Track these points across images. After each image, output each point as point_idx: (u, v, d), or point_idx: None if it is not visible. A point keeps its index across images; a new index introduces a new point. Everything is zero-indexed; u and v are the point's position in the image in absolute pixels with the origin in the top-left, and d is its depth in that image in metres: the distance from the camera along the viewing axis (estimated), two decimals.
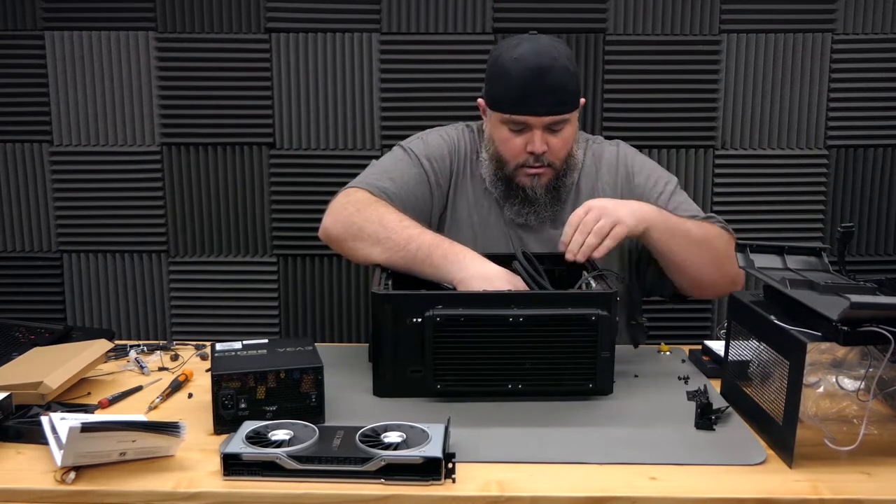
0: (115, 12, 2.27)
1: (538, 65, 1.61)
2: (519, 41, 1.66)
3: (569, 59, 1.66)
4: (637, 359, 1.59)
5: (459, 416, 1.28)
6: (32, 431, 1.22)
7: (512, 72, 1.62)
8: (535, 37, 1.67)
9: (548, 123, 1.64)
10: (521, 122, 1.64)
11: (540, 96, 1.61)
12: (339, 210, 1.66)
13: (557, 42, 1.68)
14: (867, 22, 2.27)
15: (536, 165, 1.68)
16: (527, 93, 1.61)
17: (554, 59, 1.62)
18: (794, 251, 1.41)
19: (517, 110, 1.64)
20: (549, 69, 1.61)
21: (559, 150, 1.68)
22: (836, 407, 1.27)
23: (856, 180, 2.35)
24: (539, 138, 1.64)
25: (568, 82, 1.64)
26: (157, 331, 2.42)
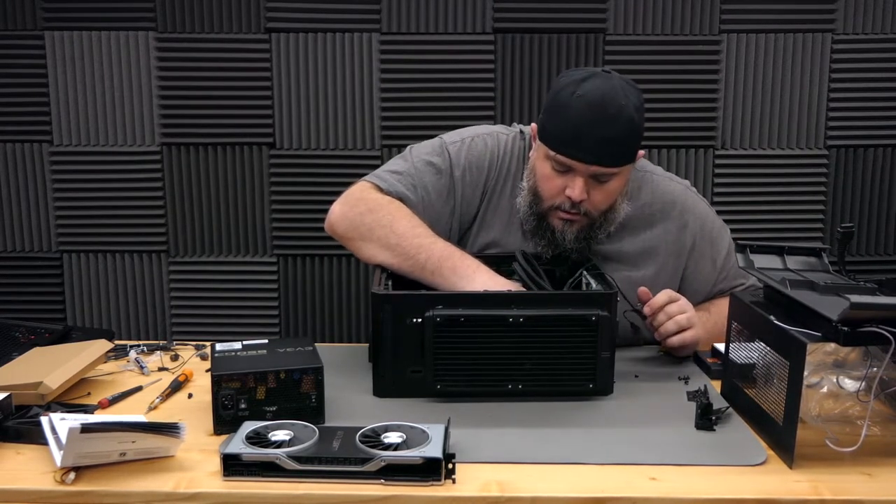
0: (115, 12, 2.27)
1: (601, 109, 1.47)
2: (589, 74, 1.52)
3: (636, 108, 1.50)
4: (637, 359, 1.59)
5: (459, 416, 1.28)
6: (32, 431, 1.22)
7: (570, 108, 1.49)
8: (607, 76, 1.51)
9: (594, 173, 1.52)
10: (565, 163, 1.52)
11: (593, 144, 1.48)
12: (351, 206, 1.60)
13: (630, 87, 1.52)
14: (867, 22, 2.27)
15: (572, 212, 1.56)
16: (580, 136, 1.48)
17: (620, 108, 1.48)
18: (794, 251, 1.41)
19: (564, 151, 1.51)
20: (612, 118, 1.48)
21: (599, 203, 1.56)
22: (839, 407, 1.27)
23: (856, 180, 2.36)
24: (580, 186, 1.52)
25: (629, 136, 1.51)
26: (157, 331, 2.42)
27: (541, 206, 1.59)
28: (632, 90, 1.52)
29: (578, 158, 1.50)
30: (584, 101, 1.48)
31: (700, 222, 1.70)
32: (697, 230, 1.69)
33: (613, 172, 1.53)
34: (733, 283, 1.72)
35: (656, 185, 1.70)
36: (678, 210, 1.69)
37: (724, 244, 1.72)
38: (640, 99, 1.54)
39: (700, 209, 1.72)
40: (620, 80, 1.52)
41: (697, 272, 1.70)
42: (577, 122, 1.48)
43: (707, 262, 1.70)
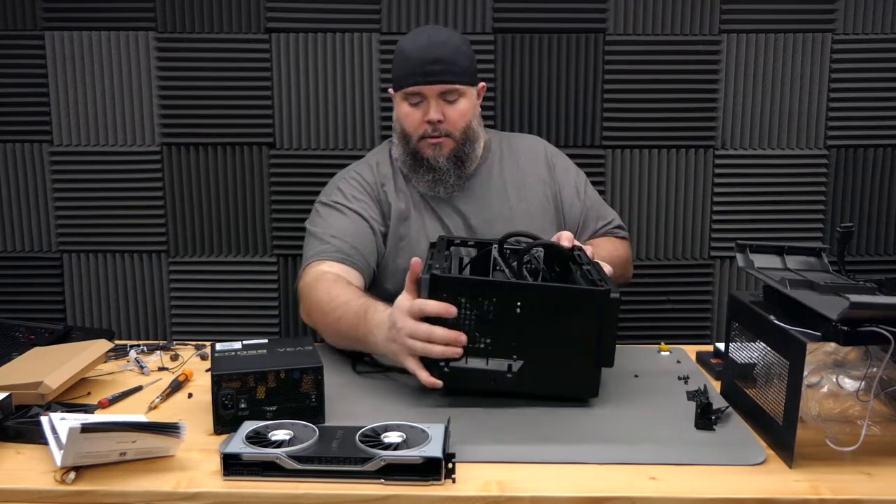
0: (115, 12, 2.27)
1: (429, 41, 1.77)
2: (418, 29, 1.87)
3: (463, 41, 1.82)
4: (637, 359, 1.59)
5: (459, 416, 1.28)
6: (32, 431, 1.22)
7: (407, 50, 1.79)
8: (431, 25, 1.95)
9: (440, 92, 1.76)
10: (416, 92, 1.77)
11: (430, 66, 1.75)
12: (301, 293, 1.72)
13: (454, 30, 1.91)
14: (867, 22, 2.27)
15: (435, 135, 1.78)
16: (419, 65, 1.75)
17: (447, 37, 1.79)
18: (793, 251, 1.41)
19: (411, 81, 1.76)
20: (441, 44, 1.77)
21: (456, 121, 1.79)
22: (839, 407, 1.27)
23: (856, 180, 2.35)
24: (434, 106, 1.77)
25: (459, 57, 1.78)
26: (157, 331, 2.42)
27: (410, 143, 1.82)
28: (454, 31, 1.89)
29: (423, 83, 1.76)
30: (417, 41, 1.79)
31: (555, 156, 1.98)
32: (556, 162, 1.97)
33: (458, 90, 1.78)
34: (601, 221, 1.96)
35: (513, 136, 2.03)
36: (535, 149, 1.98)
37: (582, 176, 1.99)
38: (465, 38, 1.86)
39: (554, 148, 2.02)
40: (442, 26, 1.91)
41: (564, 195, 1.93)
42: (415, 56, 1.76)
43: (571, 190, 1.94)
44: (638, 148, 2.32)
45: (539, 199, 1.91)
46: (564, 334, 1.34)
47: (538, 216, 1.88)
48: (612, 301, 1.34)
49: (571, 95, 2.30)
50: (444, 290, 1.32)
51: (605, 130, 2.31)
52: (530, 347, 1.34)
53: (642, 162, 2.31)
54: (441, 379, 1.35)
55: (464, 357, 1.34)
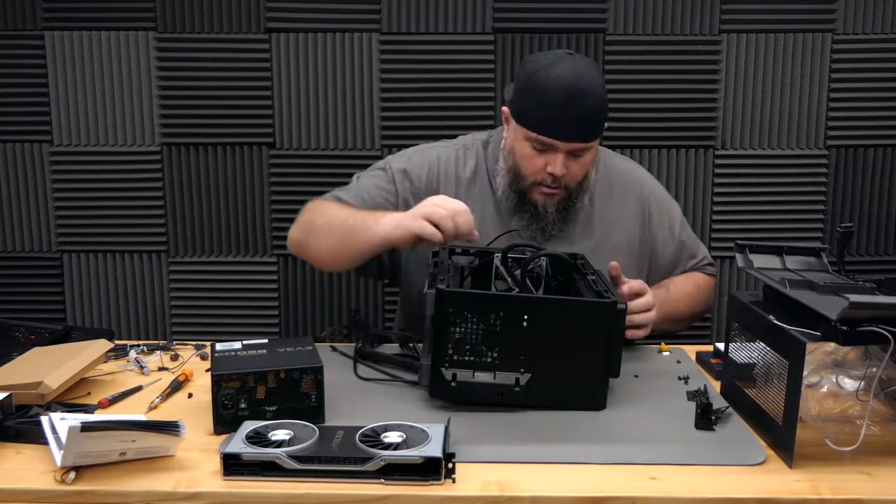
0: (115, 12, 2.27)
1: (577, 89, 1.58)
2: (557, 59, 1.62)
3: (602, 84, 1.63)
4: (637, 359, 1.59)
5: (460, 416, 1.28)
6: (32, 431, 1.22)
7: (548, 92, 1.58)
8: (573, 57, 1.64)
9: (573, 149, 1.63)
10: (547, 143, 1.62)
11: (572, 122, 1.59)
12: (301, 219, 1.73)
13: (593, 65, 1.66)
14: (867, 22, 2.27)
15: (553, 186, 1.66)
16: (560, 116, 1.58)
17: (592, 86, 1.59)
18: (793, 251, 1.41)
19: (545, 131, 1.60)
20: (586, 95, 1.58)
21: (577, 174, 1.67)
22: (839, 407, 1.27)
23: (856, 180, 2.36)
24: (561, 162, 1.62)
25: (601, 110, 1.63)
26: (157, 331, 2.42)
27: (522, 183, 1.69)
28: (594, 66, 1.69)
29: (560, 137, 1.60)
30: (560, 84, 1.58)
31: (653, 193, 1.85)
32: (652, 200, 1.83)
33: (590, 146, 1.66)
34: (692, 260, 1.86)
35: (611, 161, 1.84)
36: (632, 183, 1.83)
37: (677, 213, 1.87)
38: (601, 75, 1.70)
39: (652, 182, 1.88)
40: (584, 60, 1.67)
41: (657, 240, 1.82)
42: (557, 105, 1.58)
43: (665, 231, 1.83)
44: (638, 148, 2.32)
45: (625, 237, 1.79)
46: (571, 347, 1.34)
47: (622, 255, 1.72)
48: (618, 312, 1.34)
49: None
50: (449, 305, 1.32)
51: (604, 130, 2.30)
52: (538, 360, 1.34)
53: (642, 162, 2.31)
54: (449, 393, 1.35)
55: (471, 371, 1.34)
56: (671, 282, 1.81)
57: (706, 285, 1.86)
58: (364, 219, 1.60)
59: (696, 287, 1.83)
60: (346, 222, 1.62)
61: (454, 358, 1.33)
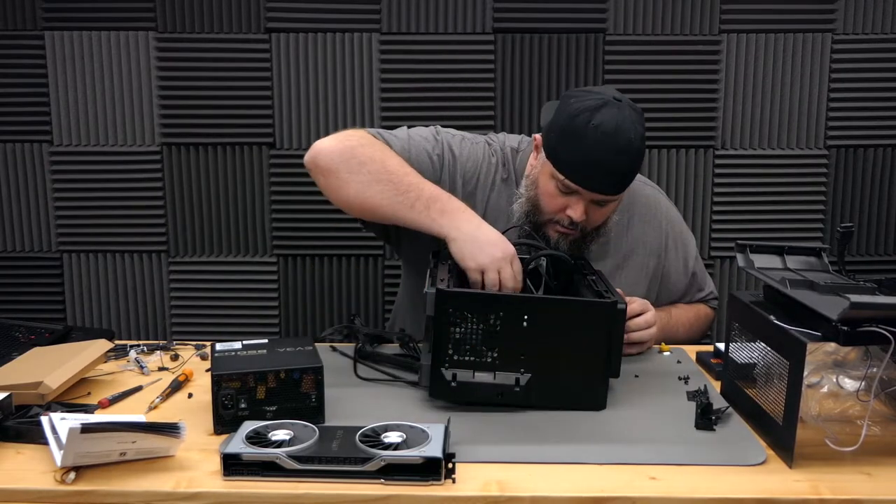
0: (115, 12, 2.27)
1: (614, 144, 1.51)
2: (602, 103, 1.52)
3: (642, 138, 1.55)
4: (637, 359, 1.59)
5: (460, 416, 1.28)
6: (32, 431, 1.22)
7: (585, 139, 1.51)
8: (619, 105, 1.53)
9: (598, 199, 1.58)
10: (573, 188, 1.56)
11: (604, 175, 1.54)
12: (342, 140, 1.58)
13: (637, 115, 1.55)
14: (867, 22, 2.27)
15: (569, 228, 1.61)
16: (593, 167, 1.53)
17: (630, 142, 1.51)
18: (793, 251, 1.41)
19: (575, 178, 1.54)
20: (623, 151, 1.52)
21: (596, 222, 1.63)
22: (839, 407, 1.27)
23: (856, 180, 2.36)
24: (582, 209, 1.57)
25: (633, 168, 1.57)
26: (157, 331, 2.42)
27: (539, 217, 1.63)
28: (639, 118, 1.56)
29: (587, 187, 1.55)
30: (599, 133, 1.50)
31: (672, 224, 1.82)
32: (671, 231, 1.81)
33: (616, 198, 1.61)
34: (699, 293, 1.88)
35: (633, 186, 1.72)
36: (653, 212, 1.80)
37: (692, 247, 1.86)
38: (644, 126, 1.57)
39: (672, 212, 1.85)
40: (630, 110, 1.54)
41: (671, 272, 1.81)
42: (590, 154, 1.51)
43: (680, 263, 1.82)
44: None
45: (640, 269, 1.77)
46: (572, 347, 1.34)
47: (636, 286, 1.73)
48: (618, 312, 1.34)
49: None
50: (450, 305, 1.32)
51: None
52: (538, 360, 1.34)
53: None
54: (449, 393, 1.35)
55: (471, 371, 1.34)
56: (675, 307, 1.82)
57: (706, 317, 1.89)
58: (430, 199, 1.52)
59: (696, 317, 1.85)
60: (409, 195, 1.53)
61: (454, 358, 1.33)
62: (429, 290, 1.33)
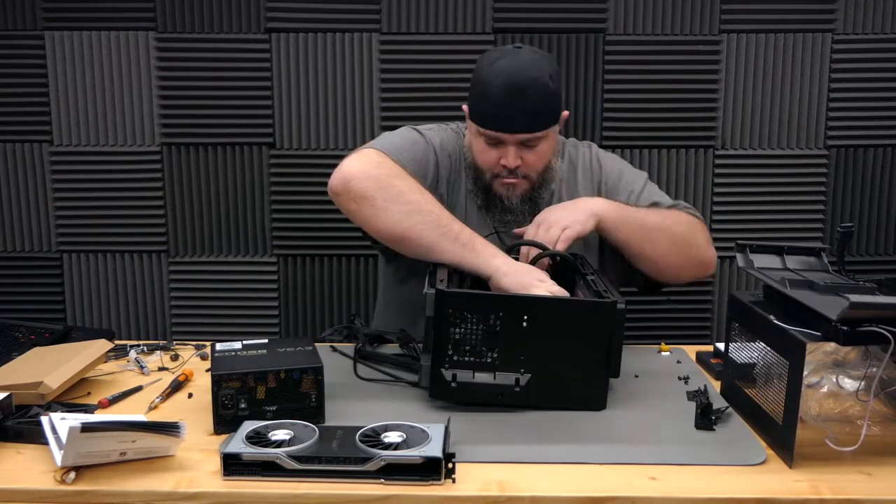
0: (115, 12, 2.27)
1: (515, 83, 1.60)
2: (501, 54, 1.65)
3: (550, 76, 1.63)
4: (637, 359, 1.59)
5: (460, 416, 1.28)
6: (32, 431, 1.22)
7: (489, 86, 1.61)
8: (517, 51, 1.65)
9: (522, 140, 1.64)
10: (494, 136, 1.65)
11: (515, 115, 1.61)
12: (374, 166, 1.58)
13: (541, 57, 1.66)
14: (867, 22, 2.27)
15: (511, 177, 1.68)
16: (502, 110, 1.61)
17: (533, 79, 1.60)
18: (793, 251, 1.41)
19: (491, 126, 1.64)
20: (526, 88, 1.60)
21: (534, 164, 1.68)
22: (838, 407, 1.27)
23: (856, 180, 2.36)
24: (512, 154, 1.65)
25: (545, 102, 1.63)
26: (157, 331, 2.42)
27: (483, 178, 1.71)
28: (543, 59, 1.66)
29: (503, 130, 1.63)
30: (500, 79, 1.60)
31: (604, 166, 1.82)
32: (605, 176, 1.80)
33: (540, 136, 1.65)
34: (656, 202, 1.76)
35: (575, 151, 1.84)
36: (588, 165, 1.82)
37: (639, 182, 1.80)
38: (553, 66, 1.67)
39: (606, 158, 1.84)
40: (530, 53, 1.66)
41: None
42: (498, 99, 1.61)
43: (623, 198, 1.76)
44: (638, 148, 2.32)
45: None
46: (571, 347, 1.34)
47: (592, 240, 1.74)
48: (618, 312, 1.34)
49: (571, 95, 2.30)
50: (449, 305, 1.32)
51: (605, 130, 2.31)
52: (538, 361, 1.34)
53: (642, 162, 2.31)
54: (449, 393, 1.35)
55: (471, 371, 1.34)
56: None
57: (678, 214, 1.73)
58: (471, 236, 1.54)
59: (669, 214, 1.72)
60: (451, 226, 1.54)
61: (454, 358, 1.33)
62: (428, 291, 1.33)
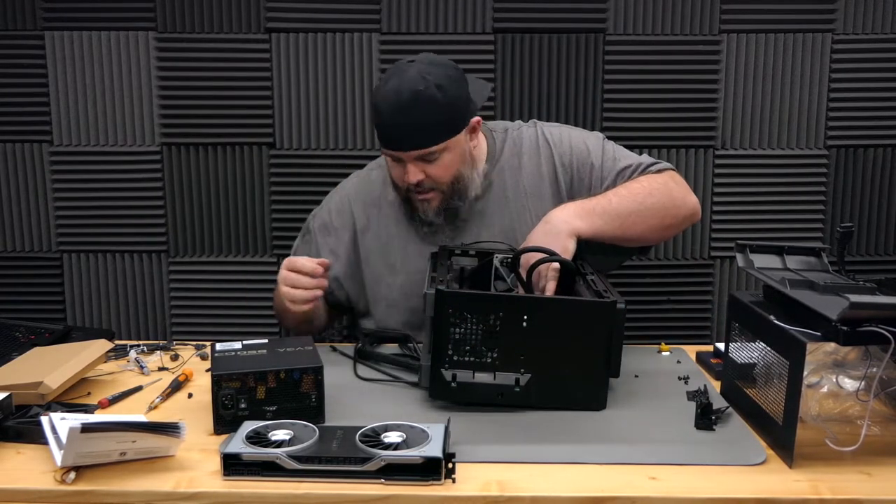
0: (115, 12, 2.27)
1: (398, 102, 1.59)
2: (391, 75, 1.64)
3: (440, 87, 1.59)
4: (637, 359, 1.59)
5: (460, 416, 1.28)
6: (32, 431, 1.22)
7: (379, 109, 1.63)
8: (406, 67, 1.62)
9: (418, 157, 1.63)
10: (392, 155, 1.66)
11: (402, 133, 1.62)
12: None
13: (433, 68, 1.62)
14: (867, 22, 2.27)
15: (419, 191, 1.68)
16: (391, 131, 1.63)
17: (415, 94, 1.57)
18: (793, 251, 1.41)
19: (385, 145, 1.66)
20: (410, 107, 1.58)
21: (439, 177, 1.66)
22: (838, 407, 1.27)
23: (856, 180, 2.36)
24: (412, 171, 1.64)
25: (431, 116, 1.60)
26: (157, 331, 2.42)
27: (400, 193, 1.74)
28: (433, 70, 1.61)
29: (395, 148, 1.64)
30: (387, 100, 1.61)
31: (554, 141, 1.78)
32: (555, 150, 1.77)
33: (436, 150, 1.63)
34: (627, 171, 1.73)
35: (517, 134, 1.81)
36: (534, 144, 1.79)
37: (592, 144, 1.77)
38: (445, 74, 1.62)
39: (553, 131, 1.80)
40: (420, 66, 1.62)
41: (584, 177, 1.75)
42: (385, 119, 1.62)
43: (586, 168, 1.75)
44: (638, 148, 2.31)
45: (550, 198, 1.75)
46: (571, 347, 1.34)
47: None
48: (618, 312, 1.34)
49: (571, 95, 2.30)
50: (449, 305, 1.32)
51: (605, 130, 2.30)
52: (537, 360, 1.34)
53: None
54: (449, 394, 1.35)
55: (471, 371, 1.34)
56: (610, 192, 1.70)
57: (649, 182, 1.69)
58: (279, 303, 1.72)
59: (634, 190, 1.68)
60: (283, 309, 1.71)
61: (454, 358, 1.33)
62: (428, 291, 1.33)
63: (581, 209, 1.62)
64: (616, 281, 1.81)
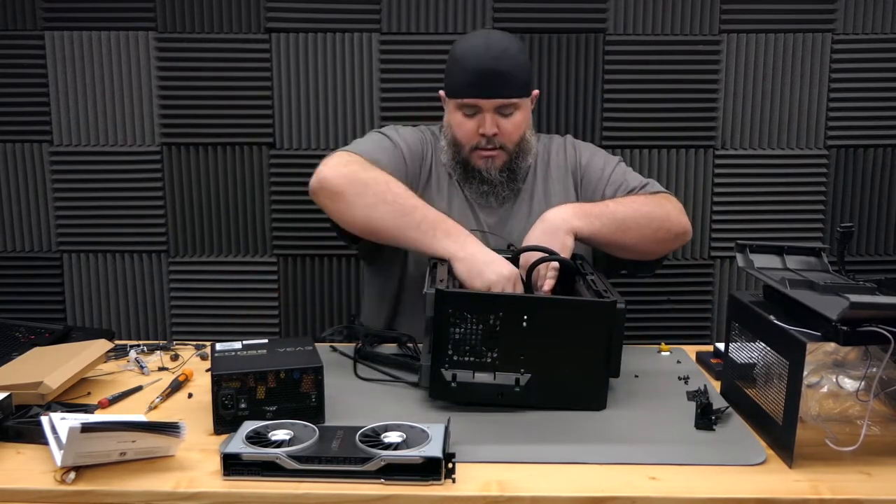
0: (115, 12, 2.27)
1: (488, 52, 1.71)
2: (472, 35, 1.82)
3: (520, 50, 1.76)
4: (637, 359, 1.59)
5: (460, 416, 1.28)
6: (32, 431, 1.22)
7: (464, 59, 1.73)
8: (488, 30, 1.83)
9: (498, 107, 1.72)
10: (473, 105, 1.73)
11: (490, 80, 1.70)
12: (344, 164, 1.67)
13: (511, 36, 1.78)
14: (867, 22, 2.27)
15: (489, 148, 1.76)
16: (477, 77, 1.71)
17: (504, 50, 1.72)
18: (793, 251, 1.41)
19: (469, 93, 1.72)
20: (499, 57, 1.71)
21: (511, 133, 1.76)
22: (838, 407, 1.27)
23: (856, 180, 2.36)
24: (490, 121, 1.73)
25: (517, 70, 1.73)
26: (157, 331, 2.42)
27: (462, 152, 1.79)
28: (512, 37, 1.78)
29: (481, 96, 1.72)
30: (474, 51, 1.72)
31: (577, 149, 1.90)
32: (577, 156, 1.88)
33: (514, 104, 1.74)
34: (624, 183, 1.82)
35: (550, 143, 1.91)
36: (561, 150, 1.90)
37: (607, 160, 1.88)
38: (521, 44, 1.80)
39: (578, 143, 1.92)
40: (500, 32, 1.81)
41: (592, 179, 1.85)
42: (473, 68, 1.71)
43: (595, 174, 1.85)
44: (638, 148, 2.32)
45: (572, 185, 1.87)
46: (571, 347, 1.34)
47: None
48: (618, 312, 1.34)
49: (571, 95, 2.30)
50: (449, 305, 1.32)
51: (605, 130, 2.31)
52: (538, 361, 1.34)
53: (642, 162, 2.31)
54: (449, 394, 1.35)
55: (471, 371, 1.34)
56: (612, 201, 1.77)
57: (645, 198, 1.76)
58: (436, 221, 1.59)
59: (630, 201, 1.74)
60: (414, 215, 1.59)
61: (454, 358, 1.33)
62: (428, 291, 1.33)
63: (580, 209, 1.67)
64: (616, 281, 1.82)
